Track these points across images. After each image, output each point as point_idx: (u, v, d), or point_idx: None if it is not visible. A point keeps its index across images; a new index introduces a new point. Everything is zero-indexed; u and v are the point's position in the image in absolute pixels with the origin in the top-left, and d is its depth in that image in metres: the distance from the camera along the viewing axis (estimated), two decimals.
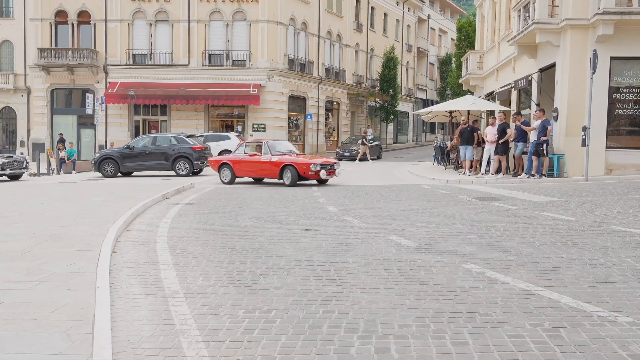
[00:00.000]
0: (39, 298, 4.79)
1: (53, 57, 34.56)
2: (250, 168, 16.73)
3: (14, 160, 20.33)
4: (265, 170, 16.36)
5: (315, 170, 15.43)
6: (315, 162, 15.71)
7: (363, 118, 47.39)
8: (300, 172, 15.52)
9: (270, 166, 16.11)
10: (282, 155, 16.28)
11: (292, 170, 15.61)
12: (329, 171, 15.80)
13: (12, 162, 20.15)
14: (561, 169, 16.21)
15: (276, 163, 15.96)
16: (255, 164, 16.52)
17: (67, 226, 8.53)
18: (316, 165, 15.47)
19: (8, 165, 19.81)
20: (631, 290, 4.93)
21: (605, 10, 15.28)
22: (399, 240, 7.29)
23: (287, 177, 15.71)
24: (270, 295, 4.93)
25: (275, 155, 16.23)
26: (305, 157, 16.62)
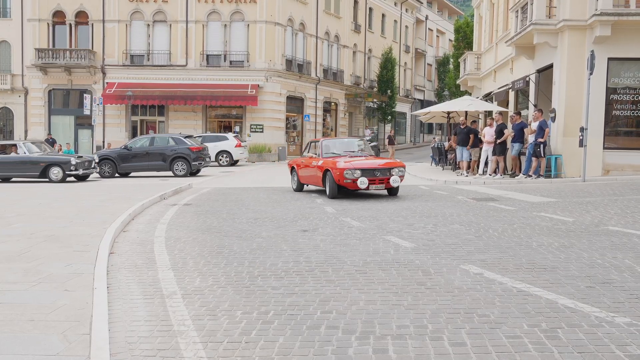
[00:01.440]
0: (37, 299, 4.78)
1: (51, 58, 34.51)
2: (306, 174, 13.88)
3: (85, 160, 19.32)
4: (314, 177, 13.36)
5: (352, 178, 11.82)
6: (355, 166, 11.99)
7: (361, 119, 47.41)
8: (335, 180, 12.13)
9: (316, 171, 13.06)
10: (332, 158, 12.90)
11: (331, 177, 12.25)
12: (377, 179, 12.02)
13: (84, 162, 19.14)
14: (559, 170, 16.24)
15: (320, 167, 12.85)
16: (309, 168, 13.60)
17: (65, 227, 8.52)
18: (353, 172, 11.82)
19: (80, 165, 18.83)
20: (628, 290, 4.94)
21: (602, 11, 15.31)
22: (397, 241, 7.29)
23: (327, 187, 12.53)
24: (268, 296, 4.93)
25: (323, 158, 13.07)
26: (360, 160, 12.64)
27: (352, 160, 12.51)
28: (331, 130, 43.03)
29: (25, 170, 18.61)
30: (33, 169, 18.46)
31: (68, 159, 18.71)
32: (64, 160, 18.67)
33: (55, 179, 18.28)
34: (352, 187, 11.98)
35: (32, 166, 18.48)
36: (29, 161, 18.56)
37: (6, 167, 18.76)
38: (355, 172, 11.82)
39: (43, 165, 18.41)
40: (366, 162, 12.49)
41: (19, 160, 18.66)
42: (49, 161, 18.55)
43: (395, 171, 12.16)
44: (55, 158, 18.93)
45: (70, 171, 18.33)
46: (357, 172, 11.83)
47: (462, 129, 18.55)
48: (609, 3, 15.37)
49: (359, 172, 11.83)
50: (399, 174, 12.18)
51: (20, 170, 18.73)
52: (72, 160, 18.45)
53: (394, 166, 12.36)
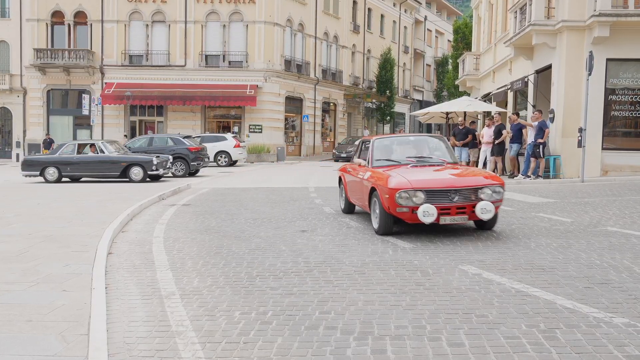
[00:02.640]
0: (35, 299, 4.77)
1: (49, 58, 34.48)
2: (353, 189, 9.42)
3: (163, 160, 18.73)
4: (359, 195, 8.92)
5: (410, 205, 7.21)
6: (416, 184, 7.29)
7: (360, 119, 47.42)
8: (384, 206, 7.52)
9: (362, 187, 8.63)
10: (386, 168, 8.27)
11: (379, 201, 7.70)
12: (453, 207, 7.29)
13: (162, 161, 18.55)
14: (557, 170, 16.25)
15: (366, 183, 8.39)
16: (355, 182, 9.16)
17: (63, 227, 8.51)
18: (412, 194, 7.20)
19: (160, 165, 18.29)
20: (627, 291, 4.94)
21: (601, 12, 15.32)
22: (396, 242, 7.29)
23: (374, 215, 8.06)
24: (266, 297, 4.92)
25: (372, 168, 8.51)
26: (427, 173, 7.98)
27: (413, 172, 7.90)
28: (330, 130, 43.04)
29: (106, 170, 18.21)
30: (113, 169, 18.11)
31: (150, 158, 18.23)
32: (146, 160, 18.20)
33: (135, 179, 17.90)
34: (411, 219, 7.27)
35: (112, 166, 18.12)
36: (109, 161, 18.18)
37: (86, 167, 18.41)
38: (416, 194, 7.12)
39: (124, 165, 18.07)
40: (436, 176, 7.83)
41: (99, 160, 18.30)
42: (130, 161, 18.19)
43: (486, 193, 7.34)
44: (137, 158, 18.51)
45: (152, 171, 17.97)
46: (418, 195, 7.12)
47: (460, 130, 18.56)
48: (607, 4, 15.39)
49: (422, 195, 7.12)
50: (492, 198, 7.35)
51: (100, 170, 18.31)
52: (154, 160, 18.04)
53: (483, 184, 7.43)
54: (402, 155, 8.93)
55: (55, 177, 18.36)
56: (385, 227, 7.67)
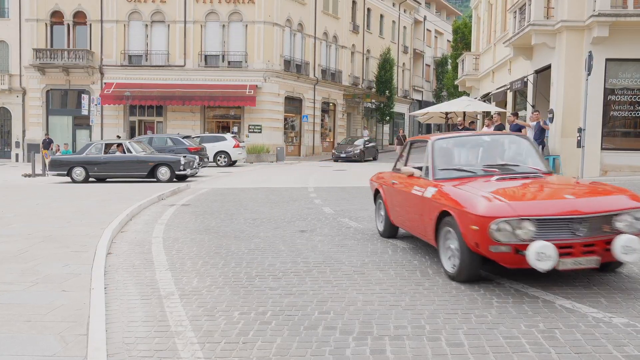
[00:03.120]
0: (34, 299, 4.77)
1: (48, 58, 34.47)
2: (400, 209, 6.97)
3: (190, 160, 18.50)
4: (415, 220, 6.41)
5: (514, 243, 4.70)
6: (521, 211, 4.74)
7: (359, 119, 47.43)
8: (470, 242, 4.95)
9: (421, 209, 6.10)
10: (457, 182, 5.74)
11: (459, 234, 5.10)
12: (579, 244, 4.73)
13: (189, 161, 18.33)
14: (557, 170, 16.25)
15: (430, 203, 5.79)
16: (406, 198, 6.68)
17: (62, 227, 8.51)
18: (517, 224, 4.69)
19: (188, 165, 18.02)
20: (626, 291, 4.94)
21: (600, 12, 15.33)
22: (395, 242, 7.29)
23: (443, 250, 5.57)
24: (265, 297, 4.92)
25: (436, 181, 5.99)
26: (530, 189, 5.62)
27: (504, 188, 5.44)
28: (329, 130, 43.05)
29: (134, 170, 18.03)
30: (141, 169, 17.91)
31: (178, 158, 17.98)
32: (173, 160, 17.94)
33: (162, 179, 17.70)
34: (513, 262, 4.84)
35: (140, 166, 17.93)
36: (136, 161, 18.02)
37: (114, 167, 18.21)
38: (522, 224, 4.70)
39: (152, 164, 17.87)
40: (547, 195, 5.46)
41: (127, 159, 18.10)
42: (158, 161, 18.00)
43: (626, 221, 4.87)
44: (165, 158, 18.30)
45: (180, 171, 17.73)
46: (525, 227, 4.70)
47: (460, 130, 18.57)
48: (606, 4, 15.40)
49: (531, 227, 4.71)
50: (634, 228, 4.88)
51: (128, 170, 18.13)
52: (181, 160, 17.80)
53: (626, 208, 4.94)
54: (474, 162, 6.57)
55: (82, 177, 18.16)
56: (469, 272, 5.17)
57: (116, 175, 18.40)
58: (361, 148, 32.99)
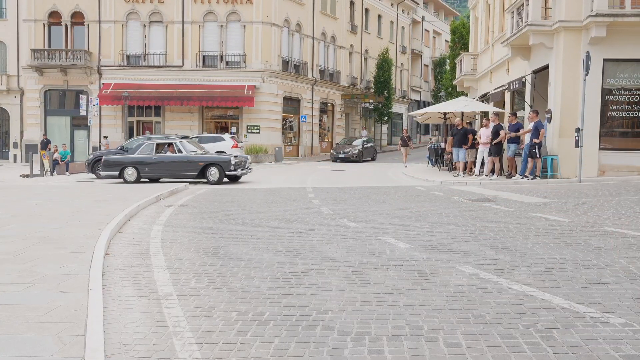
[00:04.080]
0: (31, 300, 4.76)
1: (46, 58, 34.43)
2: None
3: (242, 160, 17.83)
4: None
5: None
6: None
7: (357, 119, 47.44)
8: None
9: None
10: None
11: None
12: None
13: (241, 161, 17.61)
14: (554, 171, 16.27)
15: None
16: None
17: (60, 228, 8.49)
18: None
19: (239, 165, 17.39)
20: (623, 291, 4.95)
21: (598, 12, 15.36)
22: (393, 242, 7.29)
23: None
24: (263, 297, 4.92)
25: None
26: None
27: None
28: (328, 130, 43.06)
29: (184, 170, 17.44)
30: (192, 169, 17.33)
31: (228, 158, 17.51)
32: (223, 159, 17.39)
33: (212, 180, 17.16)
34: None
35: (190, 166, 17.37)
36: (187, 161, 17.47)
37: (165, 167, 17.69)
38: None
39: (202, 164, 17.26)
40: None
41: (177, 159, 17.57)
42: (208, 161, 17.42)
43: None
44: (215, 158, 17.78)
45: (230, 171, 17.13)
46: None
47: (458, 130, 18.58)
48: (604, 4, 15.42)
49: None
50: None
51: (179, 170, 17.54)
52: (232, 160, 17.26)
53: None
54: None
55: (134, 178, 17.67)
56: None
57: (167, 175, 17.82)
58: (359, 148, 33.00)
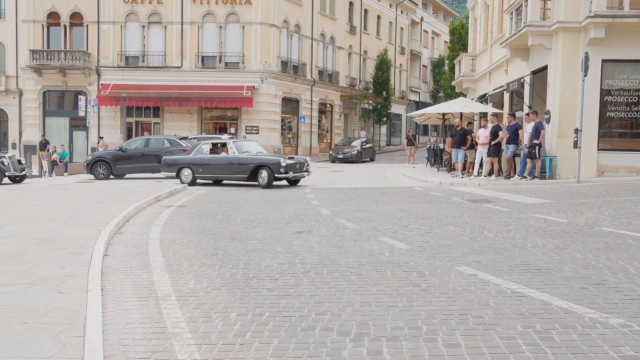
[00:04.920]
0: (30, 301, 4.75)
1: (45, 59, 34.41)
2: None
3: (297, 162, 16.37)
4: None
5: None
6: None
7: (356, 120, 47.45)
8: None
9: None
10: None
11: None
12: None
13: (295, 164, 16.22)
14: (553, 171, 16.28)
15: None
16: None
17: (59, 229, 8.49)
18: None
19: (291, 167, 15.91)
20: (622, 291, 4.95)
21: (596, 13, 15.37)
22: (392, 243, 7.29)
23: None
24: (262, 298, 4.92)
25: None
26: None
27: None
28: (327, 131, 43.07)
29: (234, 172, 16.25)
30: (242, 171, 16.04)
31: (277, 159, 15.91)
32: (272, 161, 15.81)
33: (262, 183, 15.69)
34: None
35: (241, 168, 16.09)
36: (237, 162, 16.25)
37: (217, 168, 16.69)
38: None
39: (252, 166, 15.85)
40: None
41: (228, 161, 16.42)
42: (258, 162, 15.92)
43: None
44: (264, 159, 16.19)
45: (280, 174, 15.63)
46: None
47: (457, 131, 18.59)
48: (602, 5, 15.44)
49: None
50: None
51: (230, 172, 16.42)
52: (281, 162, 15.69)
53: None
54: None
55: (189, 179, 16.85)
56: None
57: (218, 177, 16.76)
58: (358, 149, 33.00)
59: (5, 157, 18.62)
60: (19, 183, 18.70)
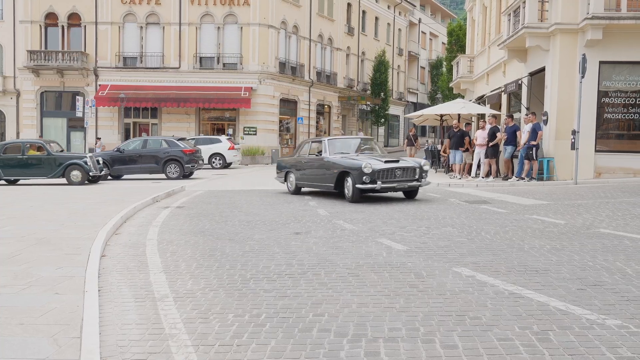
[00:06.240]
0: (27, 302, 4.74)
1: (43, 60, 34.37)
2: None
3: (397, 168, 12.13)
4: None
5: None
6: None
7: (354, 121, 47.46)
8: None
9: None
10: None
11: None
12: None
13: (393, 169, 12.08)
14: (551, 173, 16.31)
15: None
16: None
17: (56, 230, 8.47)
18: None
19: (379, 174, 11.84)
20: (619, 293, 4.96)
21: (594, 15, 15.41)
22: (390, 244, 7.29)
23: None
24: (260, 299, 4.91)
25: None
26: None
27: None
28: (324, 132, 43.07)
29: (321, 179, 13.12)
30: (327, 178, 12.79)
31: (359, 164, 11.94)
32: (355, 166, 12.00)
33: (347, 195, 12.33)
34: None
35: (327, 174, 12.85)
36: (324, 167, 13.00)
37: (310, 175, 13.62)
38: None
39: (336, 172, 12.55)
40: None
41: (318, 165, 13.25)
42: (343, 167, 12.33)
43: None
44: (349, 163, 12.29)
45: (363, 183, 11.81)
46: None
47: (455, 132, 18.60)
48: (600, 7, 15.47)
49: None
50: None
51: (318, 179, 13.27)
52: (363, 167, 11.78)
53: None
54: None
55: (293, 187, 14.20)
56: None
57: (312, 185, 13.61)
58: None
59: (87, 157, 18.63)
60: (95, 183, 18.74)
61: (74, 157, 19.00)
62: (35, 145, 19.45)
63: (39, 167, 18.72)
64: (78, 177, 18.43)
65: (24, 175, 18.96)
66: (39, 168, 18.73)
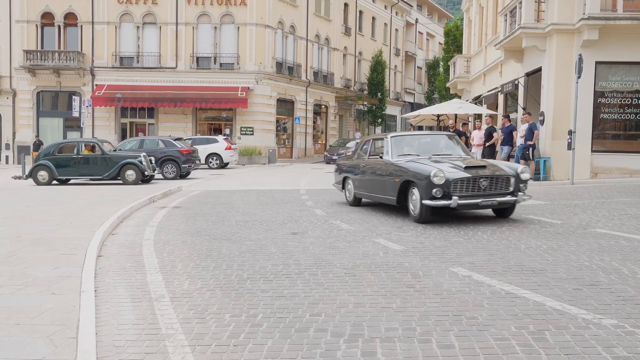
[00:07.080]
0: (23, 302, 4.73)
1: (39, 60, 34.29)
2: None
3: (499, 175, 9.14)
4: None
5: None
6: None
7: (351, 121, 47.48)
8: None
9: None
10: None
11: None
12: None
13: (476, 179, 8.88)
14: (547, 173, 16.34)
15: None
16: None
17: (52, 230, 8.45)
18: None
19: (465, 185, 8.88)
20: (615, 292, 4.97)
21: (590, 15, 15.44)
22: (386, 244, 7.30)
23: None
24: (257, 299, 4.91)
25: None
26: None
27: None
28: (321, 132, 43.09)
29: (382, 189, 10.28)
30: (388, 188, 10.01)
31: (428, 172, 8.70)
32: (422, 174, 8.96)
33: (413, 213, 9.26)
34: None
35: (387, 182, 10.06)
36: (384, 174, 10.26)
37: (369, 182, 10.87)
38: None
39: (398, 182, 9.60)
40: None
41: (377, 171, 10.58)
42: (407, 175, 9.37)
43: None
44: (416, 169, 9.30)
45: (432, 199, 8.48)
46: None
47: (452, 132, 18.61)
48: (596, 7, 15.51)
49: None
50: None
51: (378, 189, 10.44)
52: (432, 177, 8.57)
53: None
54: None
55: (351, 196, 11.67)
56: None
57: (371, 197, 10.93)
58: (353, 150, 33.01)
59: (141, 157, 18.51)
60: (148, 183, 18.66)
61: (128, 156, 18.80)
62: (89, 145, 19.25)
63: (94, 166, 18.50)
64: (133, 177, 18.29)
65: (78, 175, 18.74)
66: (94, 168, 18.51)
